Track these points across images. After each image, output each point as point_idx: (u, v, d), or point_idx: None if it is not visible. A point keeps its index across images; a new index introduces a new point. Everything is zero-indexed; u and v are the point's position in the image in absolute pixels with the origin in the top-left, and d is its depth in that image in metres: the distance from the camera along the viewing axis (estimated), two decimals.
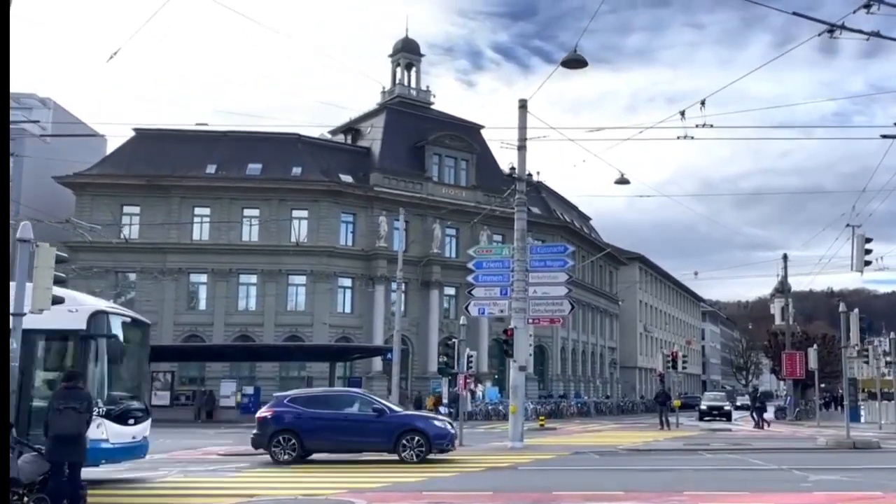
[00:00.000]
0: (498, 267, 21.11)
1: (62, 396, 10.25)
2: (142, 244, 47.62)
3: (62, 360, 13.28)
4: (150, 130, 51.51)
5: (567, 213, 67.74)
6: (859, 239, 21.35)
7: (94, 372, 12.80)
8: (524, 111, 19.76)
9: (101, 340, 13.01)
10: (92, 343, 12.94)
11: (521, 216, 20.62)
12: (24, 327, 11.46)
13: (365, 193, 51.06)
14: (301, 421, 17.38)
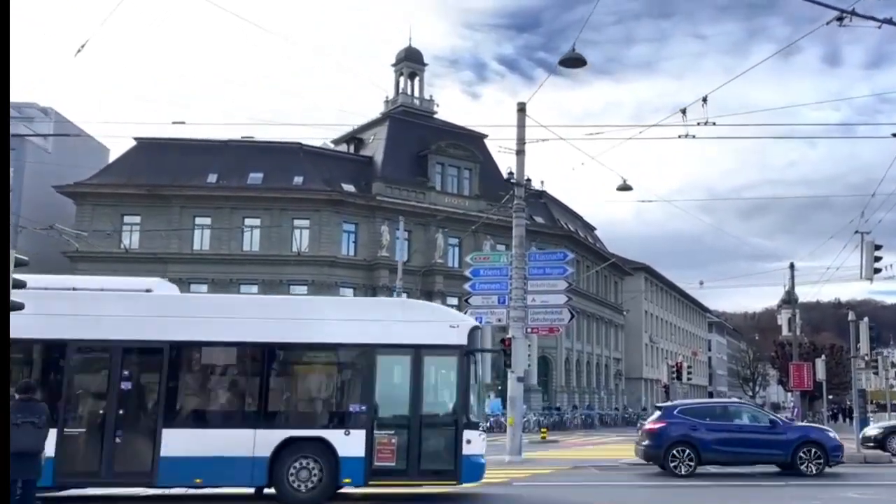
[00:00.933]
0: (496, 274, 20.58)
1: (19, 409, 9.66)
2: (142, 254, 47.30)
3: (443, 375, 13.56)
4: (151, 140, 51.42)
5: (571, 222, 67.24)
6: (868, 246, 20.76)
7: (472, 386, 13.04)
8: (523, 115, 19.29)
9: (478, 355, 13.32)
10: (472, 358, 13.13)
11: (520, 222, 20.08)
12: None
13: (367, 203, 50.64)
14: (697, 433, 17.31)
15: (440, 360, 13.23)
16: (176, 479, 12.76)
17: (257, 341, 13.06)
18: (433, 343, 12.99)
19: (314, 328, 13.19)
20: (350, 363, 13.31)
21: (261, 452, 12.61)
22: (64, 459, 12.49)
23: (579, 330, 65.49)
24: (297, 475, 12.64)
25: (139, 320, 13.16)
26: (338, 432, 12.68)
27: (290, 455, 12.65)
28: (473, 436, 12.84)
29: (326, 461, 12.61)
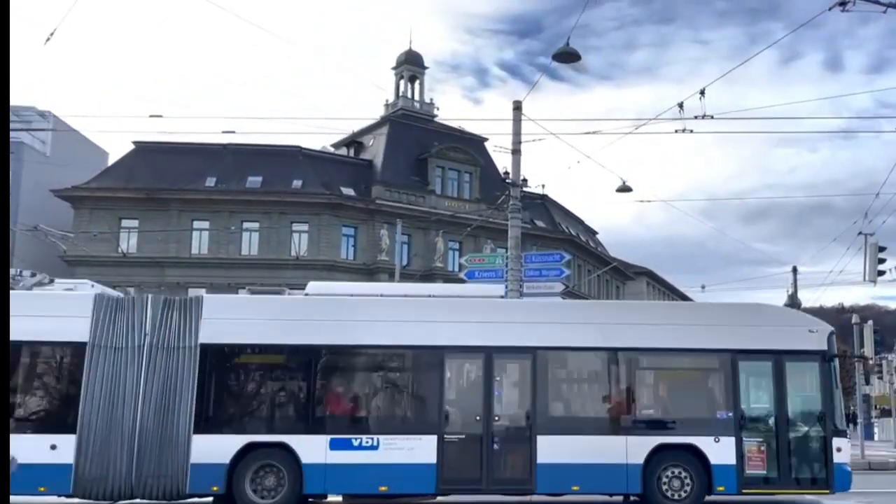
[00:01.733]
0: (491, 276, 20.19)
1: None
2: (140, 258, 47.08)
3: (805, 381, 13.57)
4: (149, 143, 51.19)
5: (573, 226, 66.87)
6: (872, 248, 20.45)
7: (836, 392, 13.09)
8: (519, 113, 18.98)
9: (836, 361, 13.37)
10: (833, 363, 13.17)
11: (516, 223, 19.74)
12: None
13: (366, 206, 50.35)
14: None
15: (802, 366, 13.35)
16: (553, 486, 12.83)
17: (624, 347, 13.22)
18: (794, 349, 13.16)
19: (673, 333, 13.31)
20: (713, 369, 13.38)
21: (633, 459, 12.75)
22: (446, 467, 12.70)
23: None
24: (669, 483, 12.79)
25: (506, 326, 13.36)
26: (707, 439, 12.81)
27: (659, 462, 12.80)
28: (843, 443, 12.97)
29: (696, 469, 12.74)
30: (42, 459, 12.39)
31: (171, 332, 12.90)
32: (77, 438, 12.46)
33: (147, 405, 12.61)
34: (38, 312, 13.02)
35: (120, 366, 12.77)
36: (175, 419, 12.55)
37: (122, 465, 12.44)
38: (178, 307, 13.07)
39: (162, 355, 12.80)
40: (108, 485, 12.41)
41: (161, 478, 12.44)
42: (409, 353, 13.39)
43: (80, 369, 12.82)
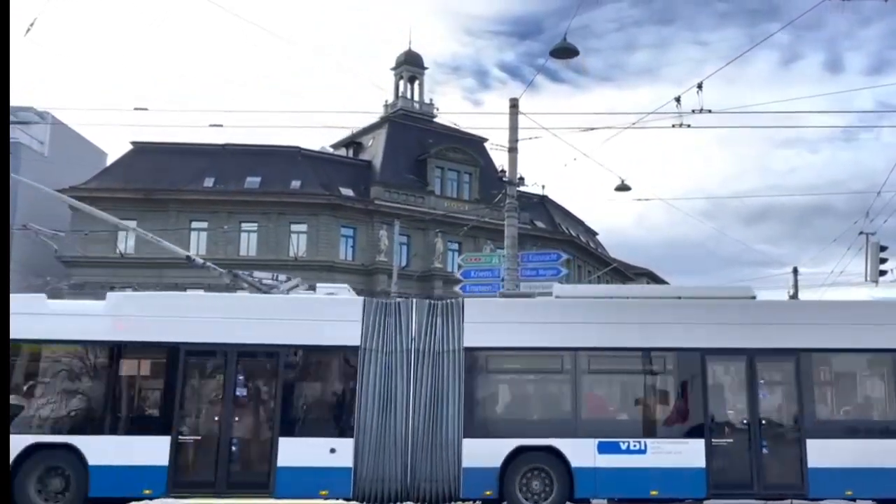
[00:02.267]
0: (488, 276, 20.02)
1: None
2: (138, 259, 46.83)
3: None
4: (148, 144, 51.12)
5: (573, 227, 66.65)
6: (873, 247, 20.20)
7: None
8: (515, 111, 18.77)
9: None
10: None
11: (512, 222, 19.52)
12: None
13: (365, 207, 50.12)
14: None
15: None
16: (826, 490, 12.66)
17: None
18: None
19: (865, 333, 13.28)
20: None
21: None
22: (714, 470, 12.72)
23: None
24: None
25: (768, 328, 13.38)
26: None
27: None
28: None
29: None
30: (322, 463, 12.55)
31: (436, 336, 13.00)
32: (354, 442, 12.58)
33: (417, 409, 12.71)
34: (309, 317, 13.30)
35: (391, 370, 12.88)
36: (445, 423, 12.63)
37: (396, 469, 12.54)
38: (442, 311, 13.21)
39: (429, 359, 12.90)
40: (384, 488, 12.50)
41: (434, 482, 12.53)
42: (669, 355, 13.31)
43: (354, 373, 12.93)
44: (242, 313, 13.37)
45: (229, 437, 12.72)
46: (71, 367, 13.30)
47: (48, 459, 12.53)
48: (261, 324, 13.12)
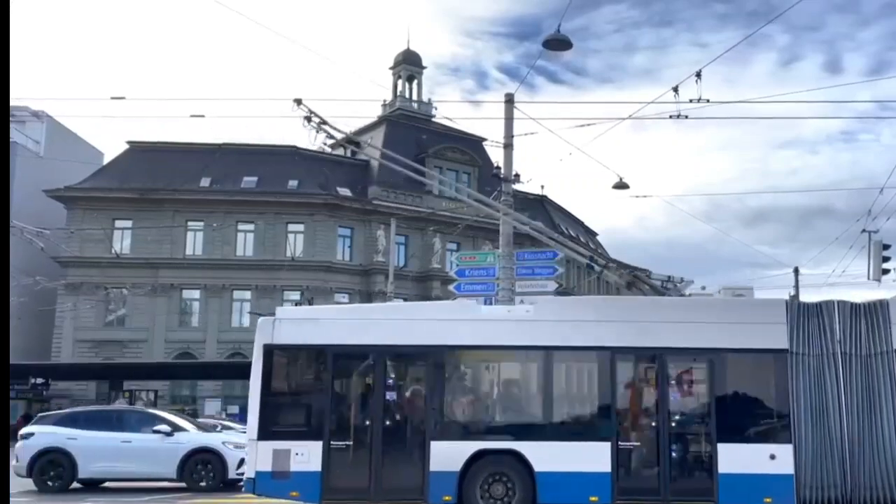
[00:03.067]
0: (482, 275, 19.55)
1: None
2: (133, 259, 46.45)
3: None
4: (144, 143, 50.75)
5: (573, 227, 66.25)
6: (876, 245, 19.77)
7: None
8: (510, 107, 18.35)
9: None
10: None
11: (507, 220, 19.11)
12: None
13: (363, 207, 49.68)
14: None
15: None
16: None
17: None
18: None
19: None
20: None
21: None
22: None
23: None
24: None
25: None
26: None
27: None
28: None
29: None
30: (763, 469, 12.15)
31: (864, 338, 12.57)
32: (793, 448, 12.17)
33: (851, 413, 12.32)
34: (733, 319, 12.82)
35: (822, 373, 12.45)
36: (882, 427, 12.21)
37: (836, 475, 12.14)
38: (866, 312, 12.73)
39: (859, 362, 12.47)
40: (824, 495, 12.11)
41: (874, 489, 12.13)
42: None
43: (784, 377, 12.45)
44: (670, 316, 12.87)
45: (668, 444, 12.37)
46: (507, 373, 13.30)
47: (492, 466, 12.34)
48: (685, 328, 12.62)
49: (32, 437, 16.68)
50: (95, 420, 17.46)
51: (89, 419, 17.46)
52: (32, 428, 17.16)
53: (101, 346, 45.88)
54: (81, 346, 45.87)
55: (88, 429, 16.83)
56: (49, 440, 16.50)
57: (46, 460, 16.38)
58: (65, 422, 17.22)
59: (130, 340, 46.29)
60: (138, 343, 46.17)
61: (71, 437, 16.49)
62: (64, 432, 16.64)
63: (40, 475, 16.31)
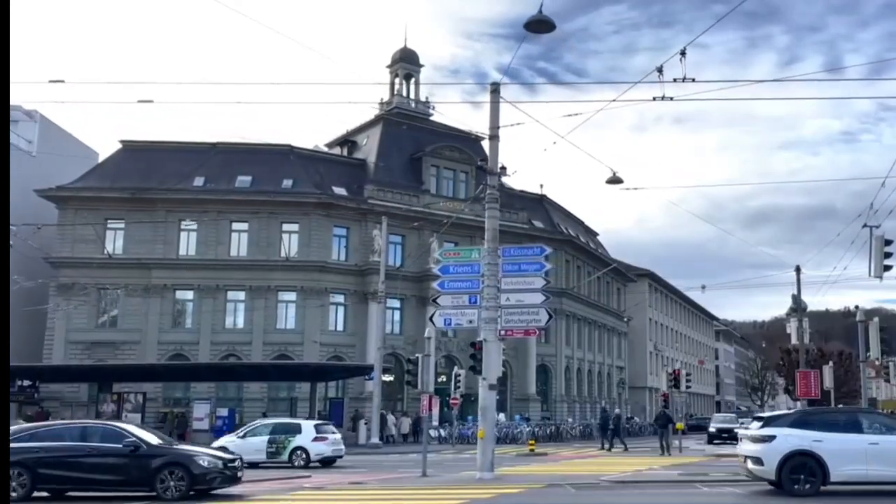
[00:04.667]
0: (467, 272, 18.80)
1: None
2: (126, 260, 45.85)
3: None
4: (137, 143, 50.17)
5: (572, 227, 65.50)
6: (878, 241, 19.03)
7: None
8: (496, 97, 17.69)
9: None
10: None
11: (493, 214, 18.39)
12: None
13: (358, 206, 48.95)
14: None
15: None
16: None
17: None
18: None
19: None
20: None
21: None
22: None
23: (580, 337, 63.68)
24: None
25: None
26: None
27: None
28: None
29: None
30: None
31: None
32: None
33: None
34: None
35: None
36: None
37: None
38: None
39: None
40: None
41: None
42: None
43: None
44: None
45: None
46: None
47: None
48: None
49: None
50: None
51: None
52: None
53: (94, 347, 45.22)
54: (73, 348, 45.24)
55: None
56: None
57: None
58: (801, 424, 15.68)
59: (123, 342, 45.62)
60: (131, 344, 45.51)
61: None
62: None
63: None
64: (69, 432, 16.12)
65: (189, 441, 36.58)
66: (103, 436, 15.73)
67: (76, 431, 16.13)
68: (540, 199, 61.93)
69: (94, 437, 15.74)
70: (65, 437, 15.86)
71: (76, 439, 15.71)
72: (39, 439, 15.70)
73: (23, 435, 15.95)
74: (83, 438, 15.71)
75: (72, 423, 17.96)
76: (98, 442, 15.55)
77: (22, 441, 15.53)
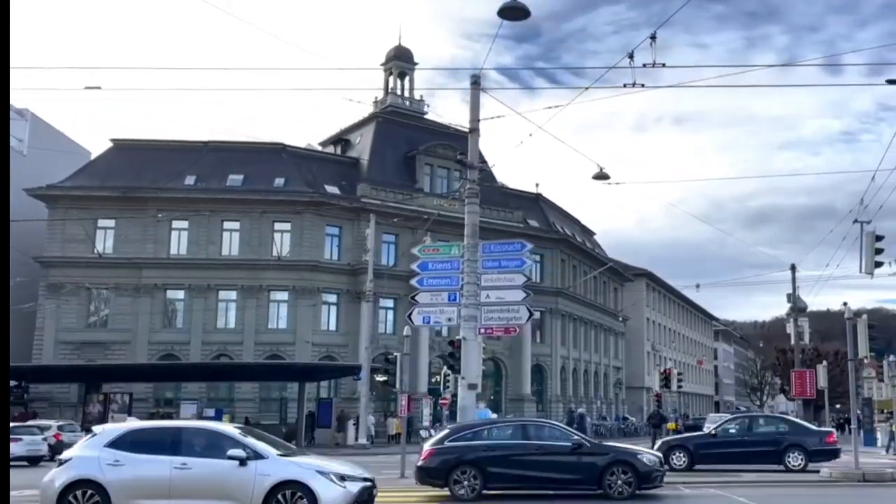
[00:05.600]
0: (446, 268, 18.39)
1: None
2: (116, 259, 45.52)
3: None
4: (129, 141, 49.85)
5: (569, 226, 65.10)
6: (869, 236, 18.63)
7: None
8: (477, 89, 17.30)
9: None
10: None
11: (473, 209, 18.03)
12: None
13: (351, 205, 48.53)
14: None
15: None
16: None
17: None
18: None
19: None
20: None
21: None
22: None
23: (576, 337, 63.25)
24: None
25: None
26: None
27: None
28: None
29: None
30: None
31: None
32: None
33: None
34: None
35: None
36: None
37: None
38: None
39: None
40: None
41: None
42: None
43: None
44: None
45: None
46: None
47: None
48: None
49: None
50: None
51: None
52: None
53: (84, 347, 44.86)
54: (63, 348, 44.89)
55: None
56: None
57: None
58: None
59: (113, 342, 45.28)
60: (121, 345, 45.16)
61: None
62: None
63: None
64: (509, 430, 16.09)
65: None
66: (547, 434, 15.70)
67: (516, 429, 16.07)
68: (535, 198, 61.58)
69: (539, 435, 15.63)
70: (506, 435, 15.77)
71: (518, 437, 15.56)
72: (482, 438, 15.51)
73: (465, 433, 15.72)
74: (526, 436, 15.51)
75: (511, 421, 18.23)
76: (543, 440, 15.40)
77: (465, 440, 15.39)
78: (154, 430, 12.64)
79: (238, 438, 11.68)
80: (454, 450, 15.04)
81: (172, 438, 11.68)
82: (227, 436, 11.82)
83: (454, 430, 15.89)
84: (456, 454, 14.95)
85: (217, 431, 12.22)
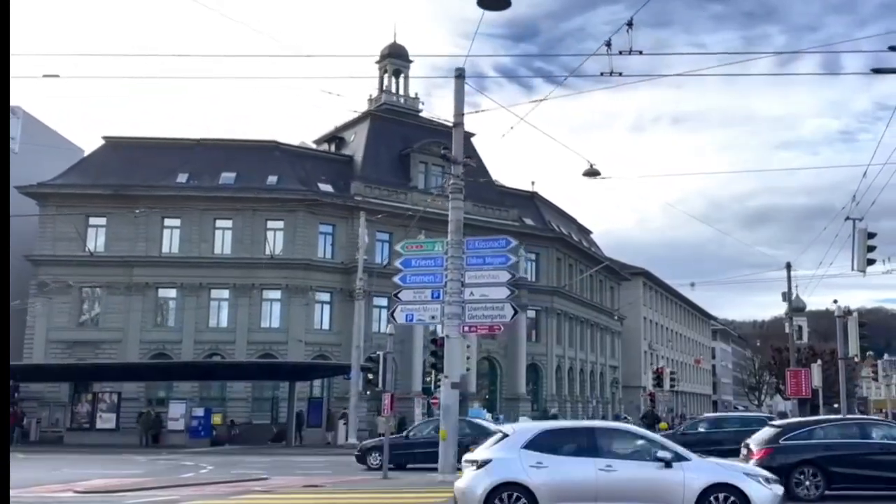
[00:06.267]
0: (429, 265, 18.06)
1: None
2: (107, 257, 45.19)
3: None
4: (121, 139, 49.51)
5: (565, 225, 64.79)
6: (861, 233, 18.31)
7: None
8: (461, 82, 16.96)
9: None
10: None
11: (457, 205, 17.66)
12: None
13: (345, 203, 48.18)
14: None
15: None
16: None
17: None
18: None
19: None
20: None
21: None
22: None
23: (572, 336, 62.92)
24: None
25: None
26: None
27: None
28: None
29: None
30: None
31: None
32: None
33: None
34: None
35: None
36: None
37: None
38: None
39: None
40: None
41: None
42: None
43: None
44: None
45: None
46: None
47: None
48: None
49: None
50: None
51: None
52: None
53: (75, 346, 44.53)
54: (54, 347, 44.54)
55: None
56: None
57: None
58: None
59: (104, 341, 44.93)
60: (112, 344, 44.80)
61: None
62: None
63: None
64: (845, 428, 15.55)
65: (162, 442, 35.90)
66: (885, 433, 15.25)
67: (853, 427, 15.58)
68: (531, 196, 61.30)
69: (878, 433, 15.18)
70: (843, 434, 15.25)
71: (856, 436, 15.10)
72: (817, 437, 15.05)
73: (800, 432, 15.25)
74: (864, 435, 15.09)
75: (847, 419, 17.39)
76: (884, 439, 14.98)
77: (801, 439, 14.95)
78: (569, 430, 12.24)
79: (657, 439, 11.41)
80: (793, 448, 14.60)
81: (588, 439, 11.28)
82: (644, 437, 11.58)
83: (786, 428, 15.42)
84: (796, 453, 14.51)
85: (632, 432, 12.00)
